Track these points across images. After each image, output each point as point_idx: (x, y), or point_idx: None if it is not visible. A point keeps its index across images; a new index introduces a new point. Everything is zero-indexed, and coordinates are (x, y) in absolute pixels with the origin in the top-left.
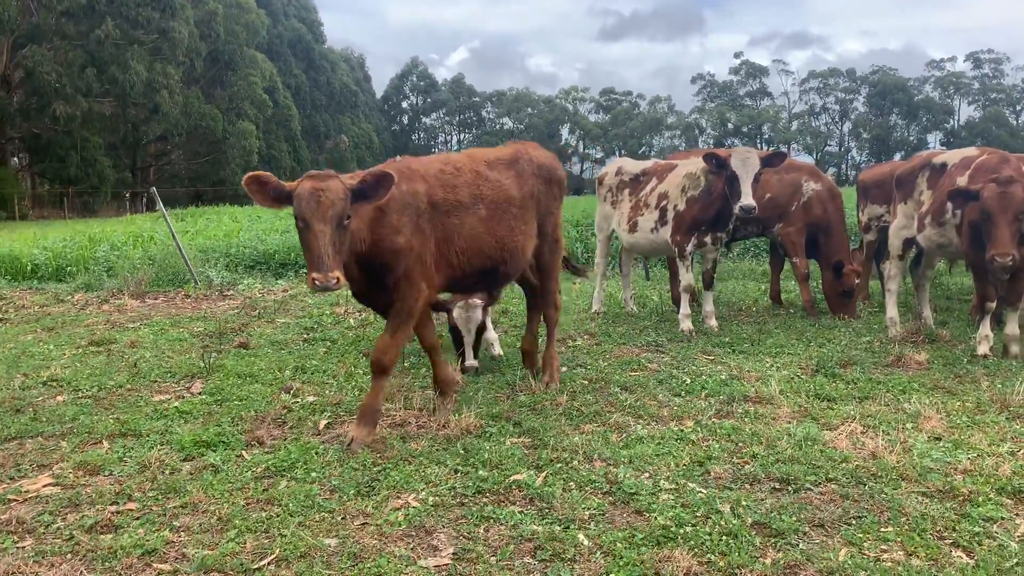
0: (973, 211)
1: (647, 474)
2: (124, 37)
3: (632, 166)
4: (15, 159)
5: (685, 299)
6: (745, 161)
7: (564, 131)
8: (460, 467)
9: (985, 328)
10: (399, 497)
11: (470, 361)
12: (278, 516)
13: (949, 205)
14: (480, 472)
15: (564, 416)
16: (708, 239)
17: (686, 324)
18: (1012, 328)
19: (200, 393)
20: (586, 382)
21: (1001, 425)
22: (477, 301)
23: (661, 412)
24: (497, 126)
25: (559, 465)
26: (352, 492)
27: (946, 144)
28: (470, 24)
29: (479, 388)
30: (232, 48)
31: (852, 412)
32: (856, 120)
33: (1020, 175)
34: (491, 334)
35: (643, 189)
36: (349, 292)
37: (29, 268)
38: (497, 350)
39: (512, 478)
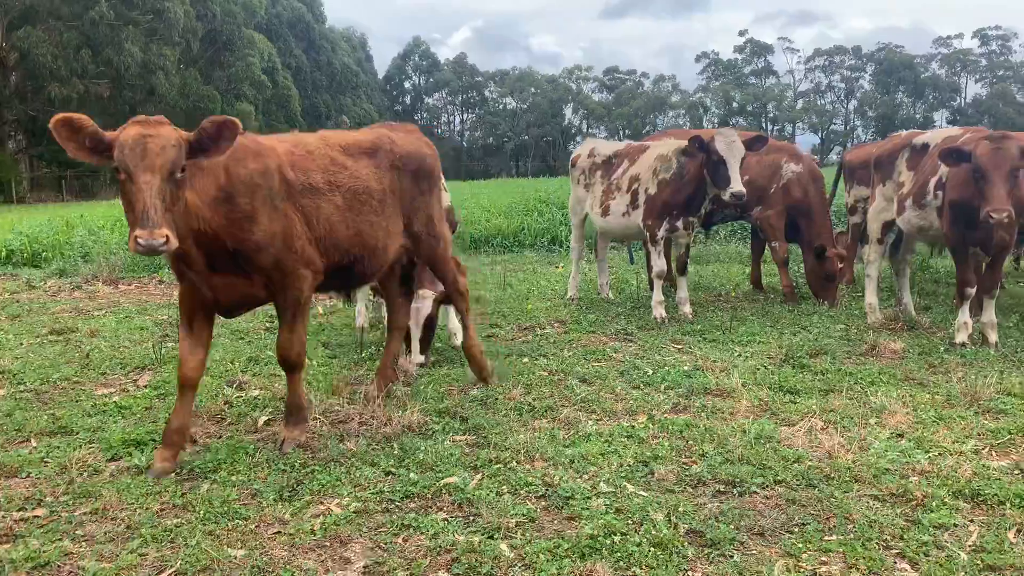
0: (954, 190)
1: (587, 475)
2: (119, 18)
3: (605, 147)
4: (12, 142)
5: (658, 285)
6: (731, 145)
7: (568, 111)
8: (393, 469)
9: (964, 315)
10: (322, 502)
11: (417, 358)
12: (189, 524)
13: (931, 187)
14: (411, 475)
15: (514, 411)
16: (680, 223)
17: (658, 311)
18: (989, 316)
19: (145, 387)
20: (546, 373)
21: (968, 421)
22: (428, 292)
23: (616, 406)
24: (500, 106)
25: (497, 466)
26: (273, 497)
27: (952, 122)
28: (472, 3)
29: (431, 381)
30: (230, 28)
31: (814, 406)
32: (862, 98)
33: None
34: (452, 323)
35: (615, 172)
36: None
37: (4, 254)
38: (459, 341)
39: (444, 481)
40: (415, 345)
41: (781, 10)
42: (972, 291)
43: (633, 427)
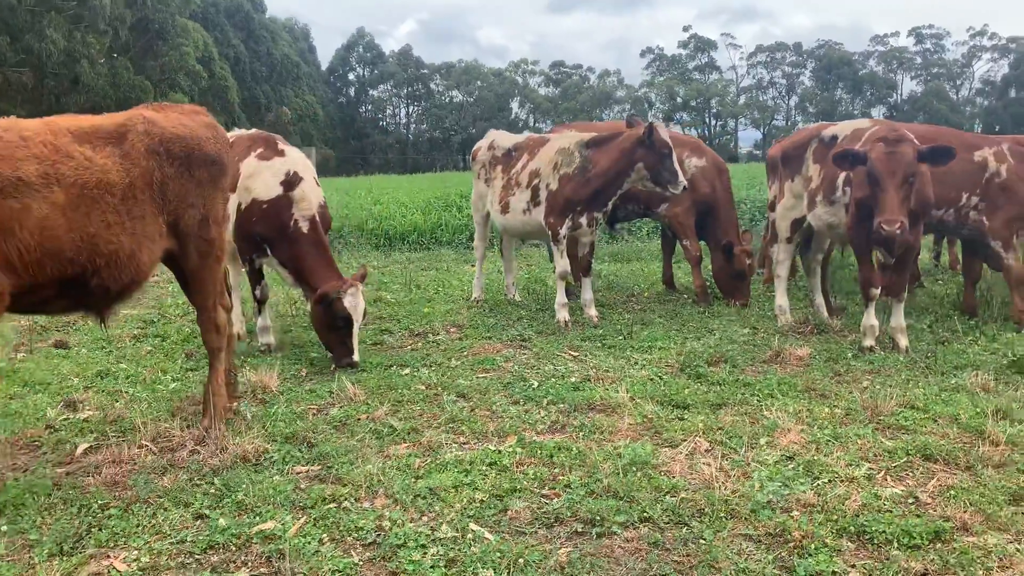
0: (859, 188)
1: (431, 515)
2: (40, 3)
3: (505, 140)
4: None
5: (560, 287)
6: (670, 137)
7: (514, 105)
8: (207, 511)
9: (869, 318)
10: (107, 556)
11: (355, 356)
12: None
13: (839, 182)
14: (222, 520)
15: (373, 435)
16: (584, 221)
17: (562, 314)
18: (897, 320)
19: None
20: (423, 387)
21: (865, 439)
22: (359, 284)
23: (487, 427)
24: (447, 99)
25: (330, 506)
26: (48, 550)
27: (889, 119)
28: None
29: (291, 398)
30: (162, 17)
31: (701, 424)
32: (803, 94)
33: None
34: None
35: (515, 166)
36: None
37: None
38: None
39: (259, 527)
40: (354, 344)
41: (724, 7)
42: (876, 292)
43: (499, 452)
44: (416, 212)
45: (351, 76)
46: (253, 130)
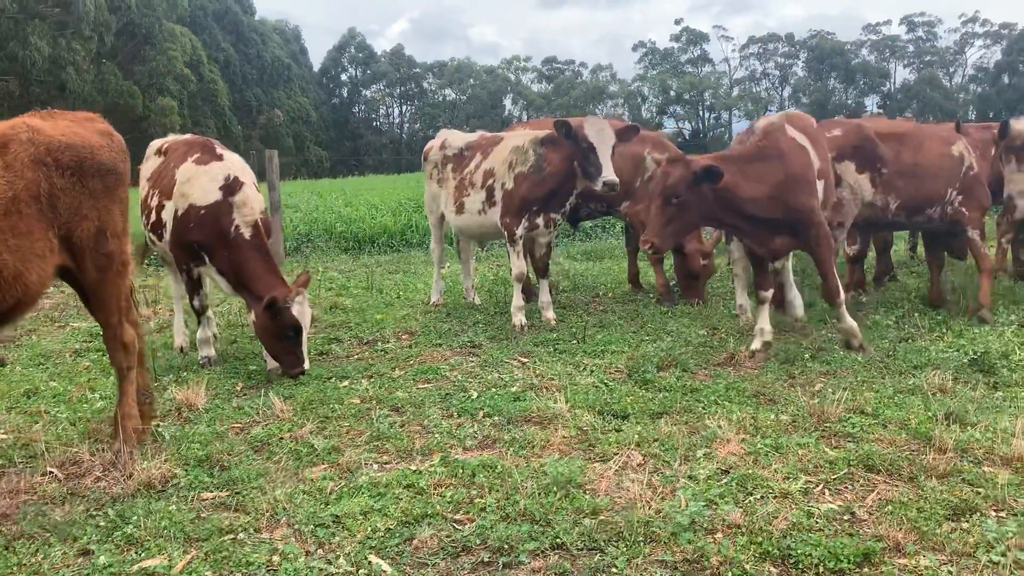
0: None
1: (330, 546)
2: (23, 10)
3: (457, 139)
4: None
5: (517, 289)
6: (601, 132)
7: (507, 102)
8: (94, 546)
9: (762, 321)
10: None
11: (306, 364)
12: None
13: None
14: (102, 559)
15: (291, 455)
16: (541, 221)
17: (517, 318)
18: (844, 322)
19: None
20: (357, 401)
21: (808, 449)
22: (304, 293)
23: (414, 444)
24: (439, 97)
25: (226, 537)
26: None
27: (883, 107)
28: None
29: (216, 416)
30: (149, 21)
31: (638, 435)
32: (796, 85)
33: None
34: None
35: (468, 165)
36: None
37: None
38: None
39: (142, 564)
40: (303, 351)
41: None
42: (765, 294)
43: (419, 473)
44: (387, 214)
45: (343, 77)
46: (189, 135)
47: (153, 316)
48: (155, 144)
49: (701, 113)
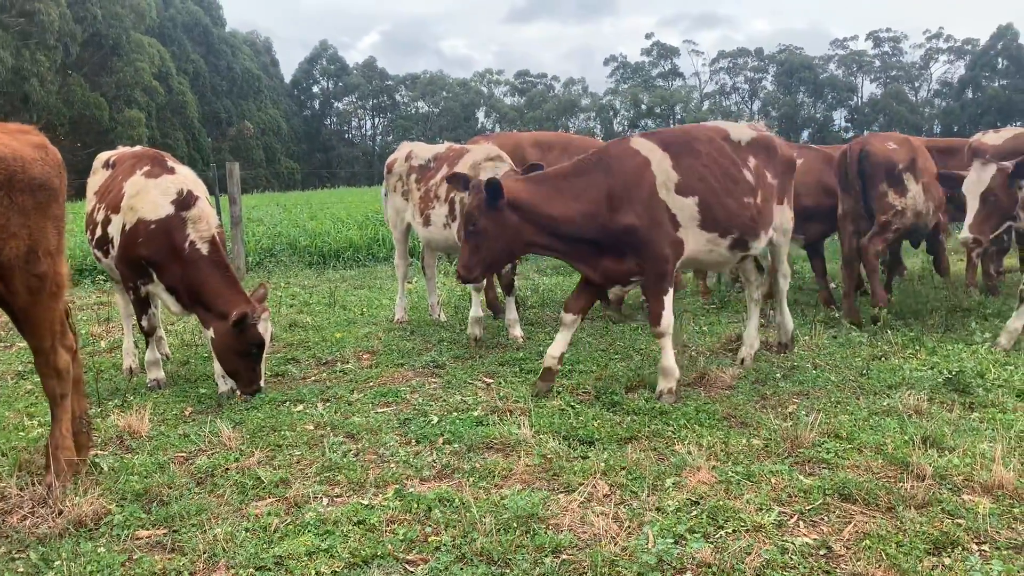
0: None
1: None
2: None
3: (423, 151)
4: None
5: (476, 299)
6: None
7: (480, 114)
8: None
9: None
10: None
11: (262, 381)
12: None
13: None
14: None
15: (236, 489)
16: None
17: (474, 330)
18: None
19: None
20: (311, 427)
21: (780, 477)
22: (264, 309)
23: (368, 475)
24: (412, 110)
25: None
26: None
27: (850, 121)
28: (380, 6)
29: (159, 445)
30: (116, 32)
31: (604, 463)
32: (765, 99)
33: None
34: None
35: (433, 178)
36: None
37: None
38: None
39: None
40: (262, 369)
41: (684, 13)
42: (568, 317)
43: (371, 507)
44: (353, 227)
45: (315, 89)
46: (138, 147)
47: (105, 335)
48: (103, 156)
49: (672, 126)
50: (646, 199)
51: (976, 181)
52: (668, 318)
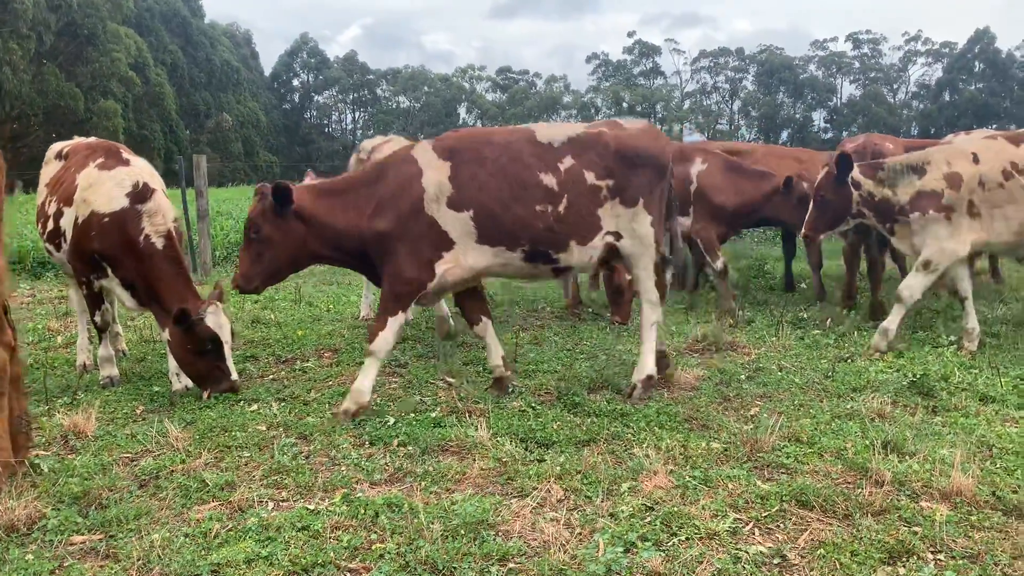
0: None
1: None
2: None
3: (368, 144)
4: None
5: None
6: None
7: (462, 110)
8: None
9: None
10: None
11: (234, 376)
12: None
13: None
14: None
15: (179, 492)
16: None
17: (441, 327)
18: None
19: None
20: (263, 428)
21: (738, 482)
22: (218, 303)
23: (316, 478)
24: (393, 104)
25: None
26: None
27: (830, 122)
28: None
29: (106, 444)
30: (92, 22)
31: (560, 467)
32: (745, 99)
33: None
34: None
35: None
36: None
37: None
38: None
39: None
40: (229, 364)
41: (666, 12)
42: (477, 326)
43: (316, 513)
44: None
45: (295, 82)
46: (93, 138)
47: (62, 330)
48: (55, 147)
49: (653, 124)
50: (406, 211)
51: (815, 184)
52: (386, 342)
